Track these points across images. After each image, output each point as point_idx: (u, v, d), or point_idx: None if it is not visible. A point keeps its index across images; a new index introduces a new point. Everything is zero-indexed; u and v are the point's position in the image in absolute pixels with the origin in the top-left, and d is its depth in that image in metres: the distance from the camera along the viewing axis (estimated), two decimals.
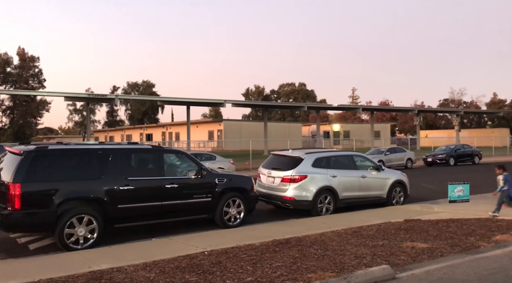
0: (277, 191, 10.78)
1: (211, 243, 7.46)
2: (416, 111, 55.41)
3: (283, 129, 54.89)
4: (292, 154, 11.38)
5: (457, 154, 31.46)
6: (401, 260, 6.34)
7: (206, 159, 19.68)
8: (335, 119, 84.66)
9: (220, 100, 41.64)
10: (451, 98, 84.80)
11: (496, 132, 62.55)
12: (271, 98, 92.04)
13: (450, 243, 7.38)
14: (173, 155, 9.55)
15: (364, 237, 7.86)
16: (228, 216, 9.41)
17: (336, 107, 54.43)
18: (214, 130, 57.06)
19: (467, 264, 6.15)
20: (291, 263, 6.16)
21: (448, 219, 9.57)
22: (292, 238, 7.79)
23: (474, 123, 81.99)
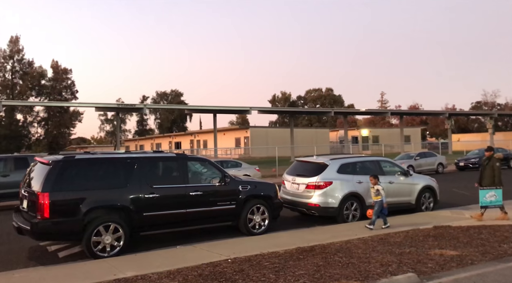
0: (302, 198, 10.68)
1: (235, 251, 7.45)
2: (447, 115, 54.05)
3: (310, 135, 54.54)
4: (317, 160, 11.27)
5: None
6: (428, 268, 6.15)
7: (232, 166, 19.74)
8: (364, 124, 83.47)
9: (246, 108, 41.80)
10: (484, 101, 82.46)
11: None
12: (297, 104, 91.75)
13: (481, 250, 7.13)
14: (197, 163, 9.62)
15: (391, 244, 7.69)
16: (252, 223, 9.39)
17: (364, 111, 53.68)
18: (241, 137, 57.28)
19: (499, 273, 5.92)
20: (315, 271, 6.08)
21: (480, 226, 9.26)
22: (316, 245, 7.69)
23: (509, 125, 79.27)
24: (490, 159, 10.33)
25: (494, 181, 10.06)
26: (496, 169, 10.10)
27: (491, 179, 10.10)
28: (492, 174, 10.10)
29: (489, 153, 10.45)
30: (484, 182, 10.27)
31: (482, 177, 10.37)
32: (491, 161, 10.25)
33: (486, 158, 10.49)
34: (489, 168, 10.18)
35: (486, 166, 10.27)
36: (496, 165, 10.16)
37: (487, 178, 10.21)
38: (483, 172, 10.38)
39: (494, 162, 10.19)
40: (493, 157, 10.34)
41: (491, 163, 10.22)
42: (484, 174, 10.32)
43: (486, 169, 10.25)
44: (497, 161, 10.25)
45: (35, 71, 67.80)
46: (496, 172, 10.08)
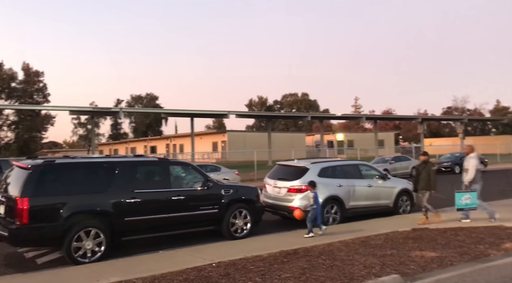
0: (283, 202, 10.75)
1: (219, 255, 7.43)
2: (419, 119, 55.29)
3: (287, 139, 54.88)
4: (298, 164, 11.37)
5: (462, 161, 31.25)
6: (410, 269, 6.30)
7: (211, 171, 19.69)
8: (339, 128, 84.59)
9: (223, 112, 41.74)
10: (455, 106, 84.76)
11: (500, 139, 62.18)
12: (274, 108, 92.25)
13: (459, 251, 7.33)
14: (179, 167, 9.58)
15: (372, 247, 7.82)
16: (235, 227, 9.39)
17: (339, 116, 54.40)
18: (218, 141, 57.15)
19: (478, 273, 6.10)
20: (300, 274, 6.13)
21: (457, 228, 9.51)
22: (300, 248, 7.76)
23: (478, 130, 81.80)
24: (426, 163, 10.60)
25: (430, 184, 10.31)
26: (431, 173, 10.34)
27: (427, 182, 10.33)
28: (428, 178, 10.33)
29: (424, 157, 10.74)
30: (419, 186, 10.55)
31: (417, 180, 10.64)
32: (427, 166, 10.50)
33: (422, 162, 10.75)
34: (425, 172, 10.39)
35: (422, 171, 10.49)
36: (432, 169, 10.42)
37: (422, 181, 10.44)
38: (419, 176, 10.63)
39: (429, 167, 10.46)
40: (428, 162, 10.64)
41: (427, 168, 10.45)
42: (419, 177, 10.57)
43: (422, 173, 10.48)
44: (432, 165, 10.55)
45: (5, 74, 65.94)
46: (432, 176, 10.32)
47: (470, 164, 10.44)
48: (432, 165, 10.60)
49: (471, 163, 10.44)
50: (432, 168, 10.48)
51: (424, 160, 10.74)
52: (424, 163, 10.68)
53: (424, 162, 10.70)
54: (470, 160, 10.49)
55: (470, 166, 10.43)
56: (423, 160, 10.74)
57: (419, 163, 10.94)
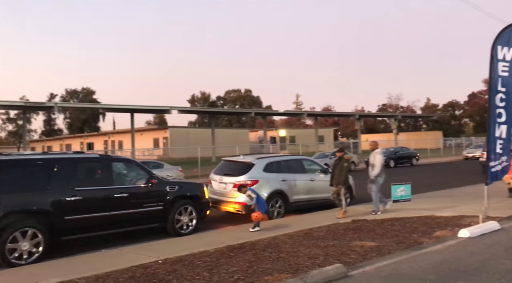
0: (229, 197, 10.82)
1: (164, 252, 7.36)
2: (357, 116, 57.67)
3: (230, 136, 54.95)
4: (244, 160, 11.49)
5: (397, 156, 33.10)
6: (352, 258, 6.59)
7: (153, 167, 19.23)
8: (281, 124, 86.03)
9: (165, 107, 41.06)
10: (389, 103, 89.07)
11: (430, 135, 66.44)
12: (217, 104, 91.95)
13: (396, 240, 7.78)
14: (122, 164, 9.33)
15: (316, 238, 8.09)
16: (180, 224, 9.32)
17: (282, 113, 55.46)
18: (159, 137, 56.06)
19: (413, 260, 6.52)
20: (247, 267, 6.23)
21: (392, 218, 10.05)
22: (246, 242, 7.86)
23: (410, 126, 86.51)
24: (341, 159, 10.88)
25: (342, 179, 10.59)
26: (344, 169, 10.64)
27: (340, 177, 10.60)
28: (341, 173, 10.61)
29: (339, 154, 11.06)
30: (334, 181, 10.78)
31: (333, 175, 10.87)
32: (341, 162, 10.78)
33: (337, 158, 11.04)
34: (339, 168, 10.68)
35: (337, 166, 10.78)
36: (344, 165, 10.71)
37: (336, 177, 10.68)
38: (334, 171, 10.89)
39: (343, 163, 10.73)
40: (343, 158, 10.89)
41: (341, 163, 10.74)
42: (334, 173, 10.82)
43: (336, 169, 10.75)
44: (345, 161, 10.83)
45: None
46: (344, 172, 10.62)
47: (376, 160, 10.86)
48: (346, 161, 10.82)
49: (377, 159, 10.87)
50: (344, 164, 10.72)
51: (339, 156, 10.97)
52: (339, 159, 10.89)
53: (339, 158, 10.91)
54: (376, 156, 10.93)
55: (376, 161, 10.86)
56: (339, 156, 10.97)
57: (335, 159, 11.10)
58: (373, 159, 10.94)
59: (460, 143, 57.78)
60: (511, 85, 10.18)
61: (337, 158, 11.03)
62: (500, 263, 6.17)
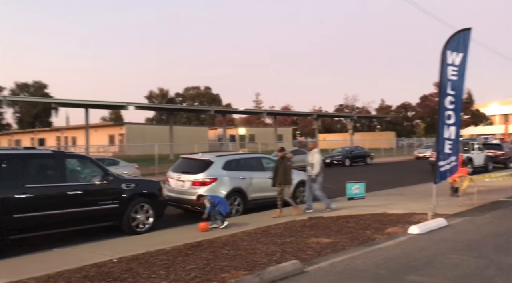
0: (187, 195, 10.73)
1: (120, 251, 7.22)
2: (315, 116, 58.64)
3: (189, 133, 54.38)
4: (202, 157, 11.43)
5: (352, 155, 34.00)
6: (308, 255, 6.74)
7: (108, 165, 18.70)
8: (241, 123, 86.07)
9: (122, 103, 40.04)
10: (346, 104, 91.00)
11: (384, 135, 68.64)
12: (176, 101, 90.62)
13: (350, 237, 8.01)
14: (76, 161, 9.05)
15: (273, 236, 8.20)
16: (136, 222, 9.16)
17: (242, 111, 55.52)
18: (115, 134, 54.66)
19: (366, 255, 6.74)
20: (205, 264, 6.22)
21: (347, 216, 10.33)
22: (203, 240, 7.84)
23: (365, 126, 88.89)
24: (283, 159, 10.78)
25: (286, 179, 10.59)
26: (287, 168, 10.62)
27: (284, 177, 10.56)
28: (284, 172, 10.57)
29: (281, 153, 10.94)
30: (277, 181, 10.65)
31: (276, 175, 10.71)
32: (283, 161, 10.70)
33: (279, 158, 10.88)
34: (282, 167, 10.61)
35: (280, 166, 10.67)
36: (287, 164, 10.67)
37: (280, 176, 10.58)
38: (277, 171, 10.72)
39: (285, 162, 10.68)
40: (285, 157, 10.80)
41: (283, 163, 10.67)
42: (277, 172, 10.67)
43: (279, 169, 10.65)
44: (288, 160, 10.78)
45: None
46: (287, 171, 10.60)
47: (315, 159, 11.12)
48: (288, 161, 10.80)
49: (316, 158, 11.14)
50: (287, 163, 10.70)
51: (281, 156, 10.86)
52: (282, 159, 10.79)
53: (282, 157, 10.81)
54: (315, 155, 11.21)
55: (315, 160, 11.13)
56: (281, 156, 10.86)
57: (277, 158, 11.00)
58: (312, 159, 11.18)
59: (412, 143, 60.15)
60: (459, 89, 10.74)
61: (279, 157, 10.88)
62: (446, 258, 6.50)
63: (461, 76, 10.62)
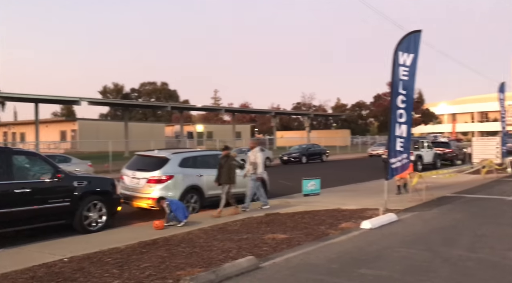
0: (142, 193, 10.54)
1: (71, 250, 7.00)
2: (273, 113, 59.20)
3: (145, 130, 53.33)
4: (158, 155, 11.26)
5: (309, 152, 34.59)
6: (263, 251, 6.81)
7: (59, 162, 17.94)
8: (198, 119, 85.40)
9: (74, 98, 38.71)
10: (303, 102, 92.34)
11: (339, 133, 70.33)
12: (131, 97, 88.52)
13: (305, 232, 8.16)
14: (24, 157, 8.67)
15: (230, 232, 8.22)
16: (88, 220, 8.90)
17: (199, 108, 55.03)
18: (67, 130, 52.78)
19: (319, 250, 6.89)
20: (160, 262, 6.15)
21: (303, 211, 10.52)
22: (159, 238, 7.75)
23: (322, 124, 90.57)
24: (228, 158, 10.66)
25: (230, 178, 10.47)
26: (231, 167, 10.51)
27: (228, 176, 10.44)
28: (228, 171, 10.45)
29: (226, 152, 10.79)
30: (221, 179, 10.51)
31: (220, 174, 10.56)
32: (228, 160, 10.58)
33: (223, 156, 10.74)
34: (226, 166, 10.48)
35: (224, 165, 10.52)
36: (232, 163, 10.59)
37: (224, 175, 10.46)
38: (221, 170, 10.55)
39: (230, 161, 10.57)
40: (229, 156, 10.69)
41: (228, 162, 10.54)
42: (221, 171, 10.52)
43: (223, 167, 10.50)
44: (232, 159, 10.71)
45: None
46: (231, 170, 10.49)
47: (257, 157, 11.13)
48: (233, 160, 10.70)
49: (258, 156, 11.15)
50: (232, 162, 10.60)
51: (225, 154, 10.74)
52: (226, 157, 10.66)
53: (226, 156, 10.69)
54: (257, 154, 11.21)
55: (257, 159, 11.11)
56: (225, 155, 10.74)
57: (222, 156, 10.82)
58: (254, 157, 11.12)
59: (366, 141, 61.97)
60: (410, 88, 11.16)
61: (223, 156, 10.74)
62: (395, 251, 6.77)
63: (412, 76, 11.04)
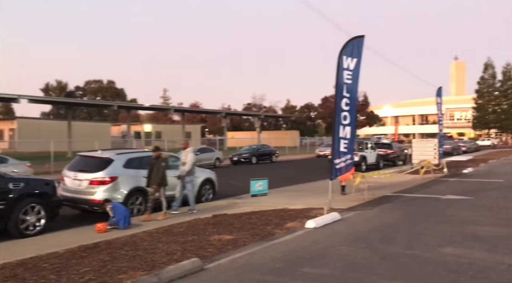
0: (84, 195, 10.16)
1: (4, 256, 6.64)
2: (224, 114, 59.12)
3: (90, 129, 51.50)
4: (102, 155, 10.90)
5: (259, 153, 34.83)
6: (209, 252, 6.78)
7: None
8: (147, 119, 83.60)
9: (13, 95, 36.63)
10: (254, 103, 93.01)
11: (289, 134, 71.43)
12: (75, 95, 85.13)
13: (252, 233, 8.21)
14: None
15: (175, 234, 8.11)
16: (25, 224, 8.46)
17: (147, 107, 53.85)
18: (5, 129, 49.98)
19: (265, 250, 6.96)
20: (101, 266, 5.97)
21: (250, 212, 10.57)
22: (101, 242, 7.51)
23: (272, 125, 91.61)
24: (158, 159, 10.26)
25: (160, 180, 10.10)
26: (161, 169, 10.10)
27: (158, 178, 10.08)
28: (158, 173, 10.09)
29: (156, 153, 10.38)
30: (151, 182, 10.15)
31: (150, 176, 10.20)
32: (158, 161, 10.20)
33: (154, 158, 10.33)
34: (156, 168, 10.11)
35: (154, 167, 10.16)
36: (162, 165, 10.15)
37: (154, 178, 10.10)
38: (151, 172, 10.19)
39: (160, 162, 10.16)
40: (160, 158, 10.28)
41: (158, 163, 10.17)
42: (152, 174, 10.17)
43: (153, 170, 10.15)
44: (163, 161, 10.25)
45: None
46: (161, 172, 10.10)
47: (188, 158, 10.86)
48: (163, 161, 10.27)
49: (189, 157, 10.88)
50: (162, 164, 10.18)
51: (156, 156, 10.33)
52: (156, 159, 10.27)
53: (156, 157, 10.29)
54: (188, 154, 10.93)
55: (188, 159, 10.83)
56: (155, 156, 10.33)
57: (152, 158, 10.39)
58: (185, 158, 10.92)
59: (314, 142, 63.39)
60: (354, 92, 11.55)
61: (154, 157, 10.31)
62: (337, 249, 6.97)
63: (355, 80, 11.43)
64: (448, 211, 10.46)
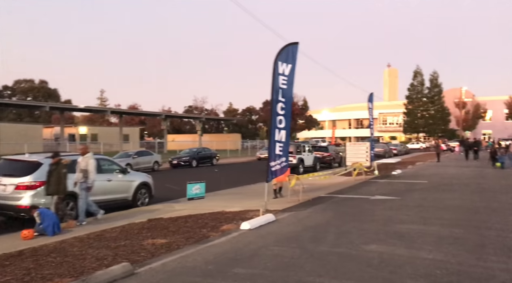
0: (9, 200, 9.65)
1: None
2: (163, 116, 58.11)
3: (18, 131, 48.49)
4: (29, 159, 10.42)
5: (199, 156, 34.68)
6: (141, 256, 6.72)
7: None
8: (82, 121, 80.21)
9: None
10: (195, 105, 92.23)
11: (231, 137, 71.59)
12: (3, 95, 79.90)
13: (186, 236, 8.23)
14: None
15: (107, 240, 7.94)
16: None
17: (83, 108, 51.77)
18: None
19: (198, 253, 7.02)
20: (24, 274, 5.74)
21: (187, 215, 10.56)
22: (26, 249, 7.20)
23: (214, 128, 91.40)
24: (58, 165, 9.65)
25: (60, 188, 9.57)
26: (61, 175, 9.55)
27: (57, 186, 9.53)
28: (58, 181, 9.52)
29: (56, 159, 9.73)
30: (50, 190, 9.59)
31: (48, 184, 9.59)
32: (58, 168, 9.58)
33: (53, 164, 9.68)
34: (56, 174, 9.52)
35: (53, 173, 9.54)
36: (63, 171, 9.58)
37: (53, 185, 9.53)
38: (50, 179, 9.58)
39: (60, 169, 9.58)
40: (60, 163, 9.67)
41: (58, 170, 9.55)
42: (50, 181, 9.56)
43: (53, 176, 9.53)
44: (64, 167, 9.66)
45: None
46: (62, 179, 9.56)
47: (89, 164, 10.17)
48: (64, 167, 9.66)
49: (90, 163, 10.19)
50: (63, 170, 9.60)
51: (55, 161, 9.70)
52: (56, 165, 9.64)
53: (56, 163, 9.67)
54: (89, 160, 10.25)
55: (89, 166, 10.17)
56: (55, 162, 9.69)
57: (51, 164, 9.73)
58: (85, 165, 10.16)
59: (255, 145, 64.15)
60: (289, 96, 11.93)
61: (53, 163, 9.67)
62: (269, 250, 7.18)
63: (290, 85, 11.80)
64: (376, 211, 11.07)
